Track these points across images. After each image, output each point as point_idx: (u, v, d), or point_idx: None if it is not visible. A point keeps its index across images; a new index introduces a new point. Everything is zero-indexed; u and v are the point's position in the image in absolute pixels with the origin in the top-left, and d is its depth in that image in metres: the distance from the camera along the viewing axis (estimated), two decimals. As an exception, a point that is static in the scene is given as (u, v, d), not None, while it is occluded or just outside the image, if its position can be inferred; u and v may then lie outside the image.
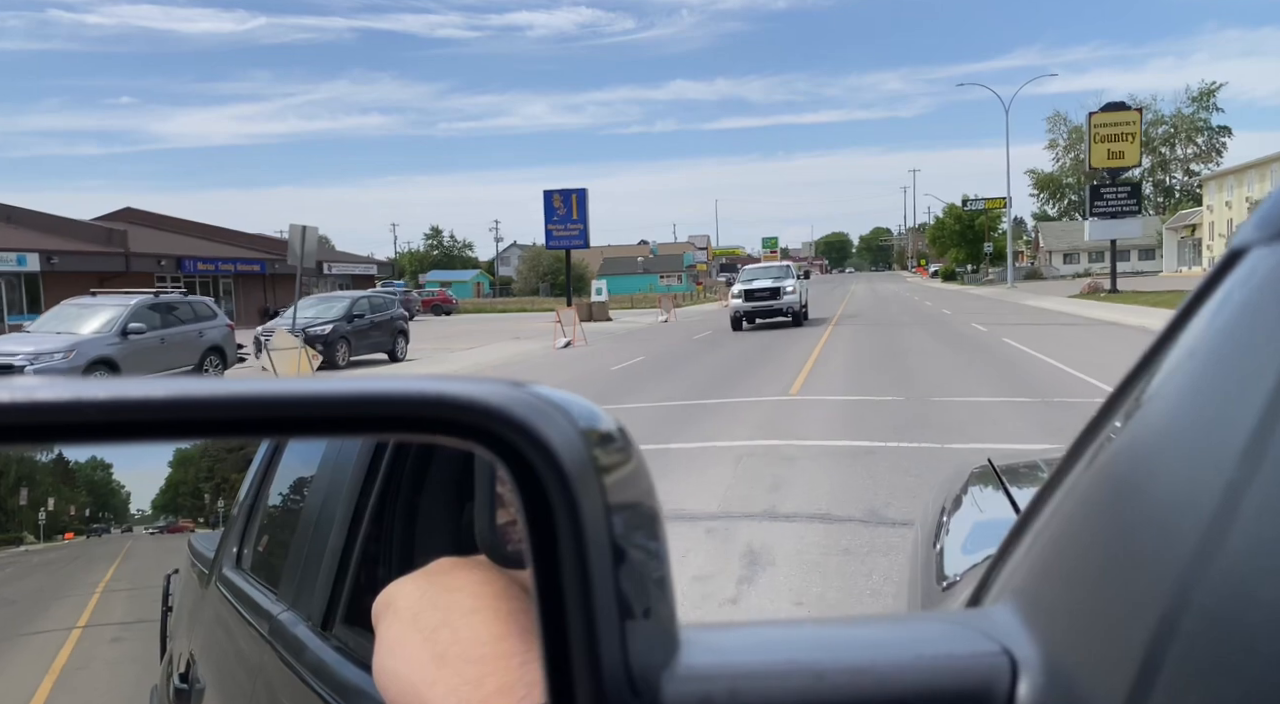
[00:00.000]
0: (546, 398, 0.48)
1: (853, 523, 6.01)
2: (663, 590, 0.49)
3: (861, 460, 7.91)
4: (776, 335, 23.62)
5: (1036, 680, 0.50)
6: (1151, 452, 0.54)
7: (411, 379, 0.47)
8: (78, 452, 0.91)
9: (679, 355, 19.89)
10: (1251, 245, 0.54)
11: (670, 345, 22.82)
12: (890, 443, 8.62)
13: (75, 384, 0.45)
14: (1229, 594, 0.41)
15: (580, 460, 0.45)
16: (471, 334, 31.17)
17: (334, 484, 1.02)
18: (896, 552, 5.21)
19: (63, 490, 0.95)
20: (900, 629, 0.59)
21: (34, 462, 0.93)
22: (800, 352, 18.68)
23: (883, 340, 21.04)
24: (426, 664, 0.51)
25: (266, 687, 1.05)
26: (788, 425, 9.89)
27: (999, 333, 21.56)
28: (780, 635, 0.56)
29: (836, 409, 10.86)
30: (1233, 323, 0.52)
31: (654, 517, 0.50)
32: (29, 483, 0.94)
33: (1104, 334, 20.02)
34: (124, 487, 0.98)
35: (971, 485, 1.95)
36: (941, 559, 1.53)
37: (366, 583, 0.90)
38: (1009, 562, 0.68)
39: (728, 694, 0.49)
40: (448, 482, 0.85)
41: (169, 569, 1.20)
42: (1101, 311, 27.00)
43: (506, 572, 0.55)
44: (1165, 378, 0.56)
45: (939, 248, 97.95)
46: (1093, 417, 0.64)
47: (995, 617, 0.57)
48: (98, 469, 0.94)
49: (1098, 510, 0.56)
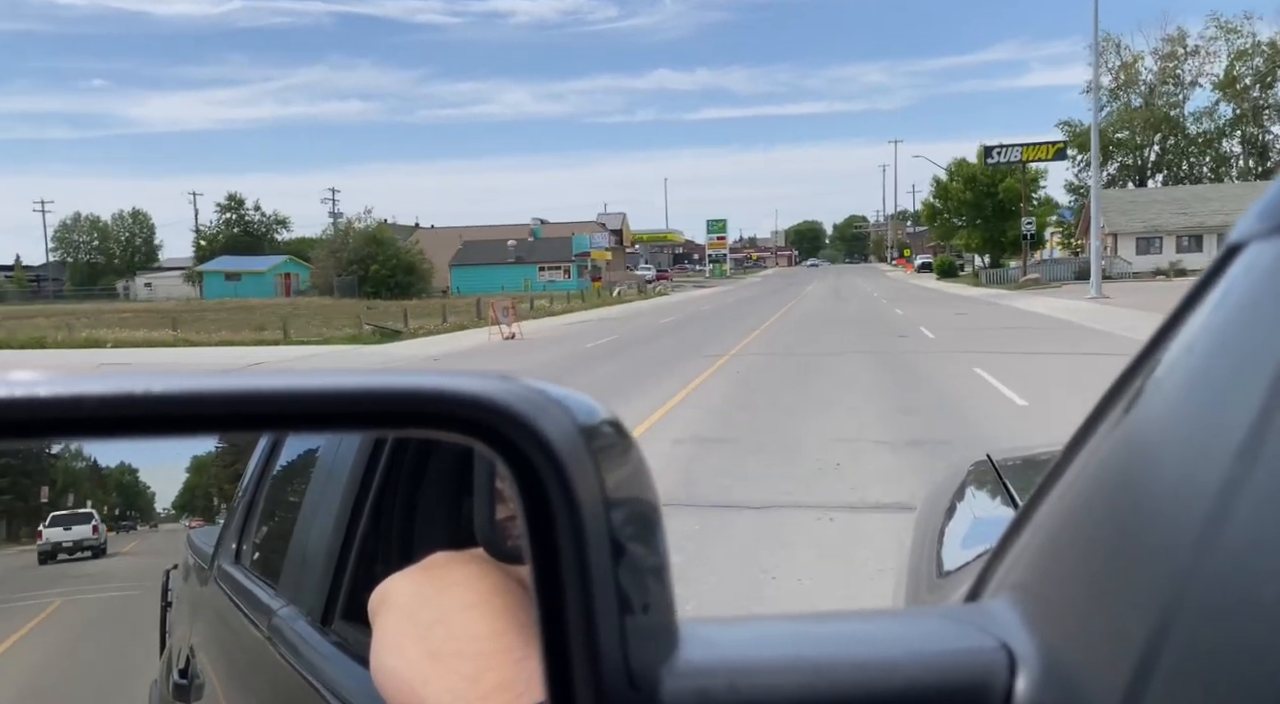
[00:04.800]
0: (544, 393, 0.48)
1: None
2: (661, 585, 0.49)
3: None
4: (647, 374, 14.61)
5: (1035, 675, 0.50)
6: (1150, 447, 0.54)
7: (408, 374, 0.47)
8: (108, 456, 0.97)
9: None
10: (1251, 239, 0.54)
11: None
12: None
13: (75, 380, 0.45)
14: (1227, 589, 0.41)
15: (578, 455, 0.45)
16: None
17: (333, 479, 1.02)
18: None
19: (97, 493, 1.00)
20: (899, 624, 0.59)
21: (74, 469, 0.99)
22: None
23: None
24: (422, 661, 0.51)
25: (266, 682, 1.05)
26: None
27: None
28: (779, 630, 0.56)
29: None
30: (1232, 318, 0.52)
31: (652, 511, 0.50)
32: (74, 488, 1.01)
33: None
34: (149, 487, 1.04)
35: (970, 479, 1.94)
36: (940, 553, 1.52)
37: (365, 578, 0.89)
38: (1007, 556, 0.68)
39: (727, 689, 0.49)
40: (446, 477, 0.84)
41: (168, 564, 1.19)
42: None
43: (504, 567, 0.55)
44: (1164, 373, 0.56)
45: (939, 229, 65.77)
46: (1091, 412, 0.64)
47: (994, 611, 0.58)
48: (125, 473, 1.01)
49: (1096, 505, 0.56)
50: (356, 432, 0.86)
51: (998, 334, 20.03)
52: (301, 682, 0.90)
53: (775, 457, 8.21)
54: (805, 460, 7.99)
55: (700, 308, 39.00)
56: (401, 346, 23.50)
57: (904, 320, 25.96)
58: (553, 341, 23.02)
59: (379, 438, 0.92)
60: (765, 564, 5.33)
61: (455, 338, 25.58)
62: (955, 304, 34.33)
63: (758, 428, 9.70)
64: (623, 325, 29.02)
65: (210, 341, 25.46)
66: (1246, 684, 0.38)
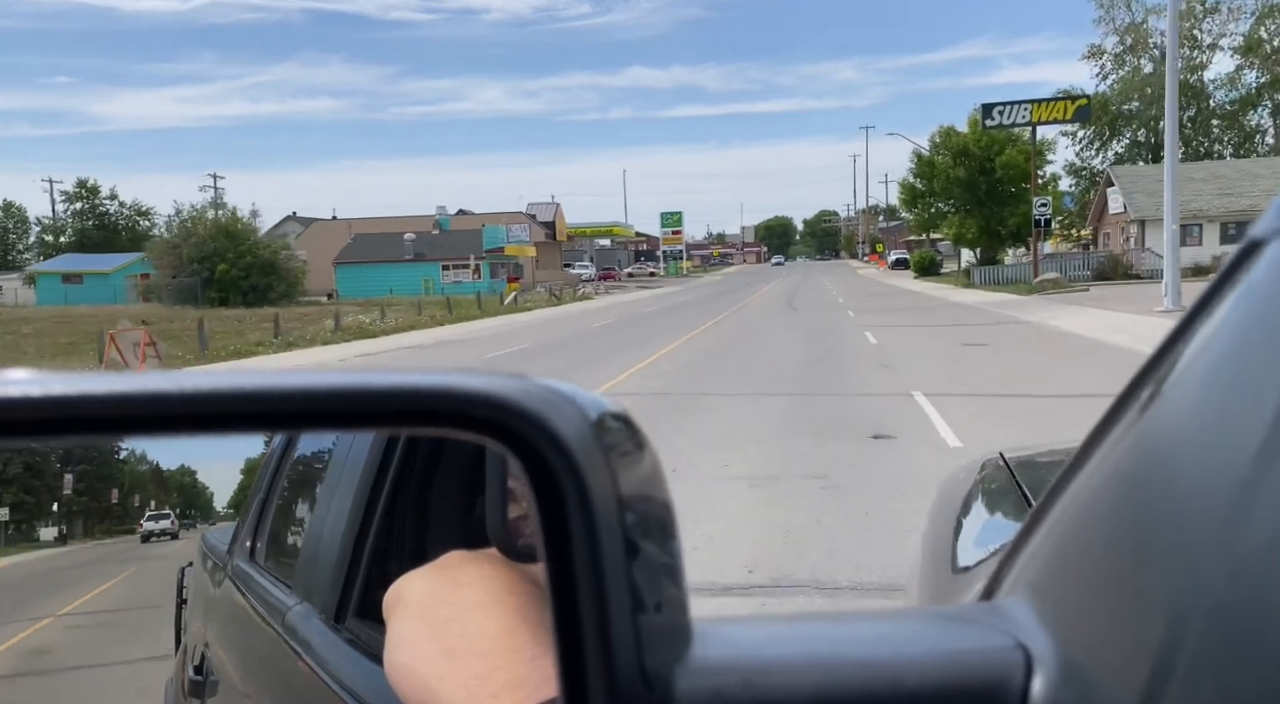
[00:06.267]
0: (556, 390, 0.47)
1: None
2: (676, 583, 0.49)
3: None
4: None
5: (1051, 675, 0.50)
6: (1167, 447, 0.53)
7: (419, 373, 0.47)
8: (169, 459, 1.07)
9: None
10: (1272, 236, 0.53)
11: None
12: None
13: (80, 379, 0.45)
14: (1244, 590, 0.41)
15: (591, 452, 0.45)
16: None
17: (346, 477, 1.02)
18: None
19: (159, 494, 1.11)
20: (914, 624, 0.59)
21: (139, 472, 1.10)
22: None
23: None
24: (436, 658, 0.51)
25: (280, 679, 1.06)
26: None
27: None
28: (794, 630, 0.56)
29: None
30: (1251, 316, 0.51)
31: (666, 508, 0.50)
32: (139, 490, 1.11)
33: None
34: (208, 487, 1.16)
35: (984, 477, 1.91)
36: (955, 550, 1.50)
37: (378, 576, 0.89)
38: (1022, 555, 0.67)
39: (741, 688, 0.49)
40: (459, 475, 0.84)
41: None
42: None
43: (517, 566, 0.55)
44: (1182, 372, 0.56)
45: (921, 218, 53.60)
46: (1107, 410, 0.62)
47: (1009, 611, 0.57)
48: (185, 475, 1.12)
49: (1112, 505, 0.56)
50: (367, 430, 0.87)
51: (1073, 407, 8.74)
52: (314, 679, 0.90)
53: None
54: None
55: (608, 319, 29.75)
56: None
57: (879, 356, 15.06)
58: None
59: (392, 436, 0.91)
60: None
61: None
62: (951, 319, 22.80)
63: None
64: (445, 354, 20.39)
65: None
66: (1265, 685, 0.38)
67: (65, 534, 1.10)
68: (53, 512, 1.09)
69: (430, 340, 24.04)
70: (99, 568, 1.16)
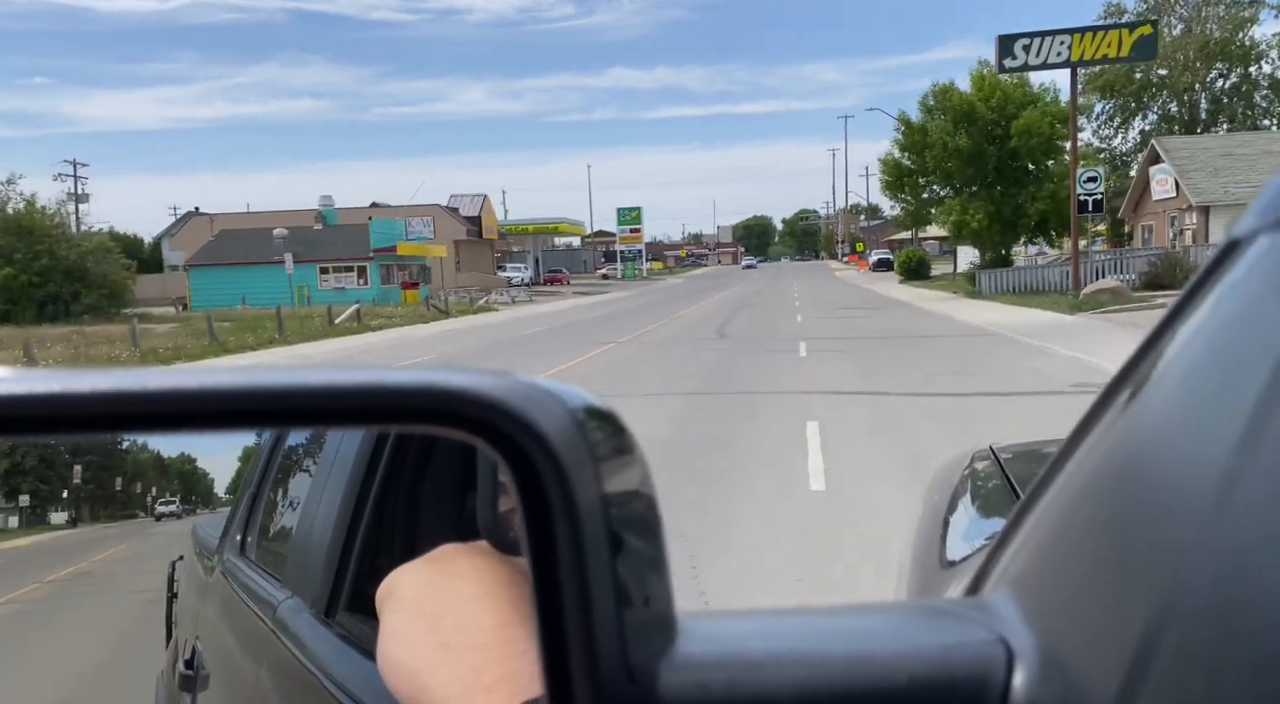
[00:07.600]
0: (540, 386, 0.47)
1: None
2: (660, 578, 0.49)
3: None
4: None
5: (1032, 670, 0.50)
6: (1149, 442, 0.53)
7: (401, 371, 0.47)
8: (169, 448, 1.09)
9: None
10: (1252, 234, 0.53)
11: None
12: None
13: (71, 375, 0.45)
14: (1225, 583, 0.41)
15: (575, 448, 0.45)
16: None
17: (337, 471, 1.02)
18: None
19: (160, 481, 1.15)
20: (898, 618, 0.59)
21: (141, 460, 1.13)
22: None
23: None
24: (429, 652, 0.51)
25: (271, 673, 1.06)
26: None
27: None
28: (778, 624, 0.56)
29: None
30: (1232, 313, 0.52)
31: (651, 504, 0.50)
32: (141, 477, 1.15)
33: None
34: (208, 473, 1.21)
35: (973, 471, 1.92)
36: (944, 544, 1.51)
37: (369, 570, 0.89)
38: (1007, 550, 0.67)
39: (725, 683, 0.49)
40: (450, 469, 0.84)
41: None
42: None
43: (509, 559, 0.55)
44: (1163, 371, 0.56)
45: (909, 204, 40.36)
46: (1091, 406, 0.63)
47: (993, 606, 0.57)
48: (185, 463, 1.17)
49: (1095, 500, 0.56)
50: (352, 428, 0.87)
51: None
52: (305, 673, 0.90)
53: None
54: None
55: (452, 346, 21.26)
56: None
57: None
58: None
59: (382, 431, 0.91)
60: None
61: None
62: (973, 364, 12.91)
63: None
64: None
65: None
66: (1244, 679, 0.38)
67: (75, 518, 1.15)
68: (63, 498, 1.13)
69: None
70: (118, 539, 1.20)
